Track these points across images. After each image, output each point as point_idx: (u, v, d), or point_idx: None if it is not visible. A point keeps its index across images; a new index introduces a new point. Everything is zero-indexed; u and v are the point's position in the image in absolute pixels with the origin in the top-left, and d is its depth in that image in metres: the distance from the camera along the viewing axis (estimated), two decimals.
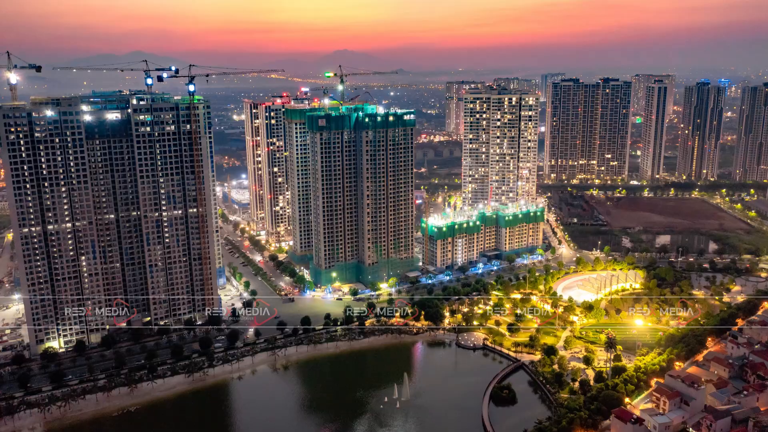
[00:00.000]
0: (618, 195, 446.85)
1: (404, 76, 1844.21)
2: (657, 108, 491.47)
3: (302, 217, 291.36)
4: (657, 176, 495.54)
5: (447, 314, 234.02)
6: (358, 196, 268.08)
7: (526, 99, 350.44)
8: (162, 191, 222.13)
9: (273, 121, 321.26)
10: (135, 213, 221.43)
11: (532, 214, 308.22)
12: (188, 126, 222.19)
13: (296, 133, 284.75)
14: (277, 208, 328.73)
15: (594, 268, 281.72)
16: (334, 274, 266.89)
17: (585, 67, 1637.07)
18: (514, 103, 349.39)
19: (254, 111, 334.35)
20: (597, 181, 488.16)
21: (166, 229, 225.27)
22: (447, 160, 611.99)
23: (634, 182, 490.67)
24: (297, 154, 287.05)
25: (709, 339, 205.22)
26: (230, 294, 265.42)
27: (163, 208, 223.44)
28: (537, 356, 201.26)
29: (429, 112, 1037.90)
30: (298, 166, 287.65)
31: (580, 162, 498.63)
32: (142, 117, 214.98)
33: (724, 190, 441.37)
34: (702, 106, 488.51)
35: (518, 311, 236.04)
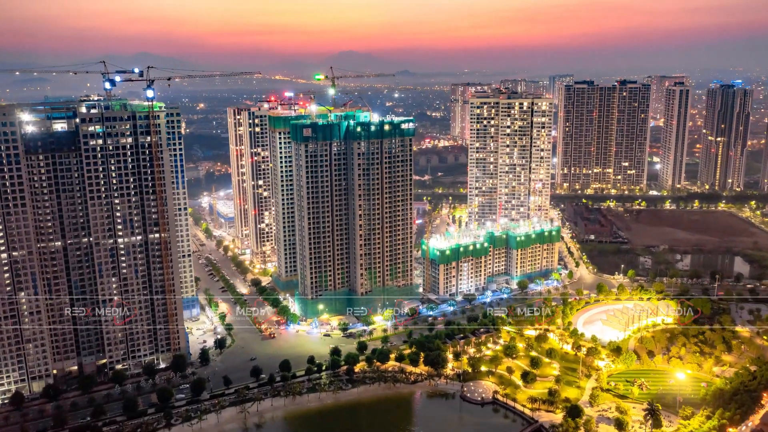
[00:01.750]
0: (637, 207, 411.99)
1: (409, 78, 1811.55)
2: (678, 112, 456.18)
3: (287, 238, 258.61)
4: (678, 186, 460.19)
5: (450, 356, 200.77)
6: (350, 215, 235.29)
7: (539, 104, 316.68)
8: (117, 214, 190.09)
9: (258, 129, 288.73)
10: (86, 240, 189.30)
11: (546, 233, 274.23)
12: (148, 138, 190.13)
13: (280, 143, 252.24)
14: (263, 225, 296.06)
15: (618, 296, 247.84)
16: (321, 306, 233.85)
17: (589, 68, 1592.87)
18: (525, 108, 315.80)
19: (237, 117, 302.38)
20: (613, 191, 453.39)
21: (122, 258, 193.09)
22: (452, 167, 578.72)
23: (654, 192, 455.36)
24: (281, 166, 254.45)
25: (765, 394, 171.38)
26: (203, 327, 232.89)
27: (119, 233, 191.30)
28: (558, 416, 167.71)
29: (433, 114, 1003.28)
30: (282, 181, 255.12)
31: (595, 170, 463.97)
32: (91, 128, 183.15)
33: (753, 203, 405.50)
34: (726, 110, 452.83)
35: (533, 353, 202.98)
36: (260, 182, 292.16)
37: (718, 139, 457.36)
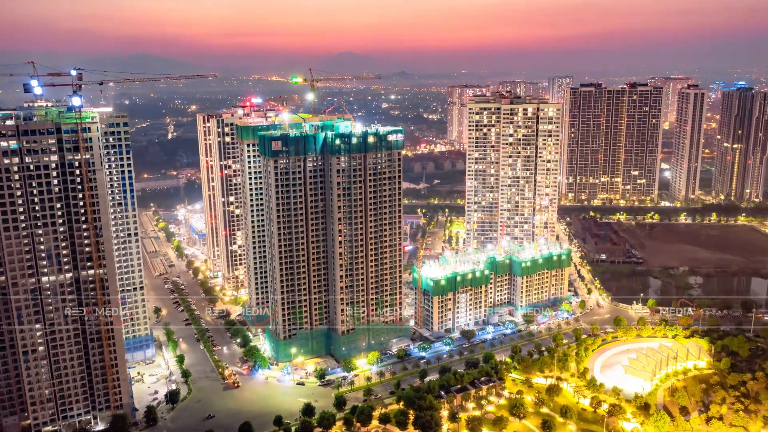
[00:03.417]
0: (650, 221, 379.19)
1: (406, 80, 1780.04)
2: (693, 117, 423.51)
3: (259, 264, 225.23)
4: (692, 196, 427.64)
5: (445, 414, 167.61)
6: (328, 241, 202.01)
7: (545, 110, 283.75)
8: (40, 247, 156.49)
9: (228, 139, 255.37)
10: (2, 278, 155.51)
11: (555, 258, 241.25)
12: (78, 155, 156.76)
13: (249, 156, 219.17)
14: (234, 247, 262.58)
15: (640, 333, 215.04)
16: (294, 349, 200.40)
17: (588, 69, 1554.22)
18: (530, 114, 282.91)
19: (206, 125, 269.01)
20: (622, 202, 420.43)
21: (47, 300, 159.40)
22: (449, 174, 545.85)
23: (666, 203, 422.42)
24: (251, 183, 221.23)
25: None
26: (157, 372, 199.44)
27: (43, 270, 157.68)
28: None
29: (430, 117, 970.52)
30: (252, 199, 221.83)
31: (602, 180, 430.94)
32: (5, 143, 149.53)
33: None
34: (744, 114, 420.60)
35: (544, 409, 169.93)
36: (231, 199, 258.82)
37: (735, 146, 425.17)
